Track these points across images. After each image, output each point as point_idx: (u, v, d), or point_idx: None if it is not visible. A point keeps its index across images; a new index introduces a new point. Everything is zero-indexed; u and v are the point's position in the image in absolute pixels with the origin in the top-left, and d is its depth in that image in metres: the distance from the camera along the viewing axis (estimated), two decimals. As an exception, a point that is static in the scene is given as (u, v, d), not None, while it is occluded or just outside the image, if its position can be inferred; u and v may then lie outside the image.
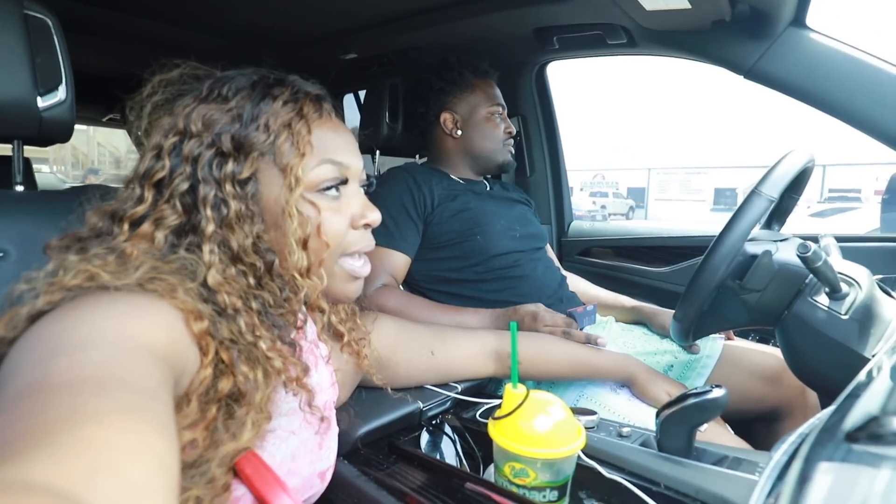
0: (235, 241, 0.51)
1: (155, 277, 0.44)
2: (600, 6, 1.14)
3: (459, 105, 1.32)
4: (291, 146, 0.54)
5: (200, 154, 0.52)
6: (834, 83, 1.06)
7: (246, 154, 0.53)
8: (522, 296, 1.18)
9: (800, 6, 1.04)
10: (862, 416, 0.35)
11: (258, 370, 0.47)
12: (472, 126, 1.31)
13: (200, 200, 0.51)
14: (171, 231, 0.50)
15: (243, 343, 0.48)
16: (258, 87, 0.56)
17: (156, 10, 1.41)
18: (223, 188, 0.52)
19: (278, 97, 0.55)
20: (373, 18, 1.43)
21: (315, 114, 0.57)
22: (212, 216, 0.51)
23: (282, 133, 0.54)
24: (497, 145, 1.32)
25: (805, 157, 0.84)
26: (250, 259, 0.52)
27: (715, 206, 17.33)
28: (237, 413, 0.45)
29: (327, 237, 0.57)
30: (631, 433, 0.70)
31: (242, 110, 0.54)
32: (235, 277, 0.51)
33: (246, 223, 0.52)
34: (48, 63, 0.80)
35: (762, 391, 1.03)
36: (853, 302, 0.74)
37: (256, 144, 0.53)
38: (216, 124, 0.53)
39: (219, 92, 0.55)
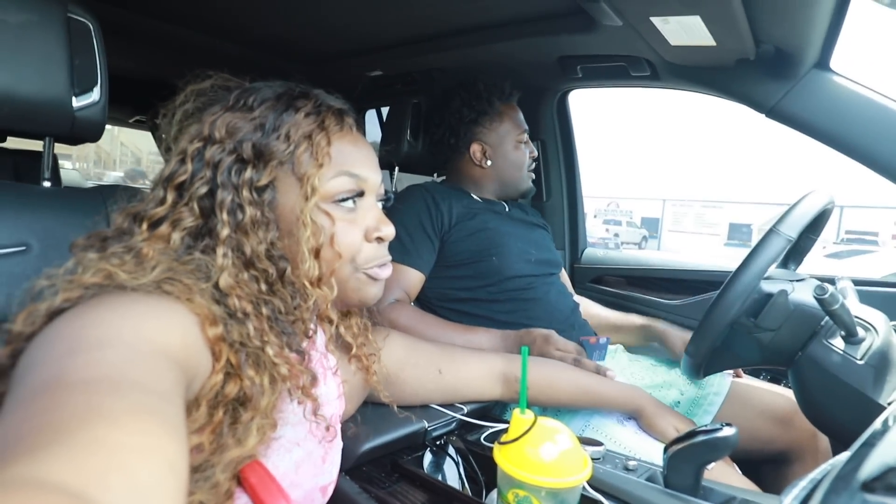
0: (249, 247, 0.52)
1: (171, 278, 0.45)
2: (626, 39, 1.16)
3: (489, 135, 1.31)
4: (310, 157, 0.55)
5: (221, 160, 0.53)
6: (855, 126, 1.06)
7: (265, 162, 0.54)
8: (534, 319, 1.17)
9: (824, 49, 1.05)
10: (879, 466, 0.35)
11: (264, 375, 0.48)
12: (502, 156, 1.31)
13: (217, 204, 0.52)
14: (187, 233, 0.51)
15: (251, 347, 0.48)
16: (282, 98, 0.57)
17: (190, 18, 1.46)
18: (240, 194, 0.53)
19: (301, 109, 0.56)
20: (399, 38, 1.46)
21: (336, 126, 0.58)
22: (227, 220, 0.51)
23: (302, 143, 0.55)
24: (522, 173, 1.33)
25: (825, 199, 0.83)
26: (263, 265, 0.52)
27: (729, 241, 17.19)
28: (243, 417, 0.45)
29: (340, 248, 0.57)
30: (637, 467, 0.69)
31: (265, 120, 0.55)
32: (247, 282, 0.51)
33: (260, 229, 0.53)
34: (86, 64, 0.83)
35: (772, 433, 1.01)
36: (869, 347, 0.73)
37: (276, 153, 0.54)
38: (239, 132, 0.54)
39: (244, 102, 0.56)
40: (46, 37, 0.77)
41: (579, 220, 1.82)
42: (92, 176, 18.60)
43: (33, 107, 0.77)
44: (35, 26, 0.76)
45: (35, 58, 0.76)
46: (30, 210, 0.79)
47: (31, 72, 0.75)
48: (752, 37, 1.02)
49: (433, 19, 1.31)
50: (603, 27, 1.11)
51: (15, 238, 0.76)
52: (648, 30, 1.04)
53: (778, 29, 1.00)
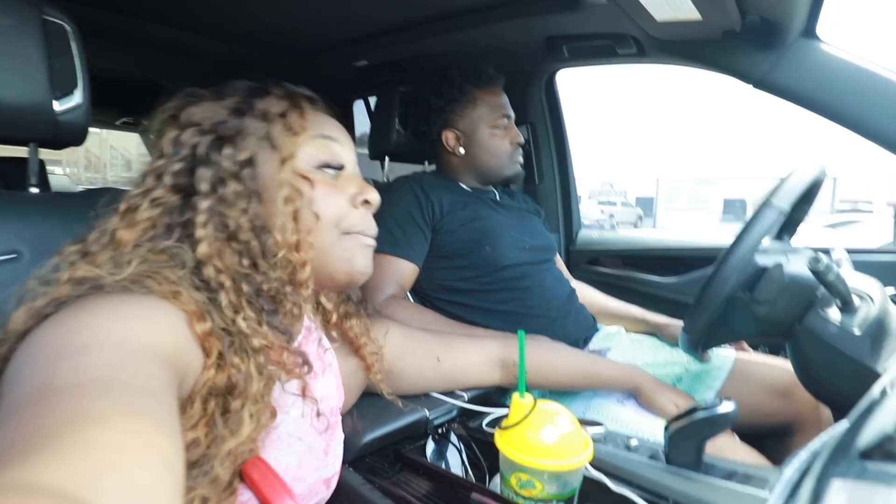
0: (232, 219, 0.52)
1: (150, 272, 0.44)
2: (611, 16, 1.15)
3: (461, 121, 1.27)
4: (285, 129, 0.57)
5: (198, 141, 0.55)
6: (844, 94, 1.06)
7: (243, 138, 0.56)
8: (530, 307, 1.17)
9: (810, 17, 1.04)
10: (876, 434, 0.35)
11: (250, 362, 0.47)
12: (476, 143, 1.27)
13: (197, 179, 0.53)
14: (163, 210, 0.52)
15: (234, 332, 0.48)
16: (255, 88, 0.60)
17: (171, 16, 1.44)
18: (221, 167, 0.54)
19: (273, 93, 0.59)
20: (384, 26, 1.44)
21: (309, 106, 0.61)
22: (208, 193, 0.52)
23: (276, 120, 0.57)
24: (502, 160, 1.28)
25: (816, 170, 0.83)
26: (245, 237, 0.53)
27: (724, 217, 17.23)
28: (233, 406, 0.45)
29: (320, 211, 0.57)
30: (639, 446, 0.69)
31: (241, 104, 0.57)
32: (228, 255, 0.52)
33: (242, 200, 0.53)
34: (65, 67, 0.81)
35: (774, 405, 1.02)
36: (865, 316, 0.73)
37: (254, 130, 0.56)
38: (215, 116, 0.56)
39: (218, 93, 0.59)
40: (22, 40, 0.75)
41: (573, 202, 1.81)
42: (83, 181, 18.47)
43: (13, 112, 0.76)
44: (10, 30, 0.74)
45: (12, 62, 0.74)
46: (18, 217, 0.78)
47: (8, 77, 0.74)
48: (738, 8, 1.01)
49: (417, 5, 1.30)
50: (588, 5, 1.10)
51: (5, 246, 0.76)
52: (633, 6, 1.03)
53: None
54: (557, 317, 1.19)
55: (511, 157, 1.29)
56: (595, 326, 1.27)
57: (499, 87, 1.30)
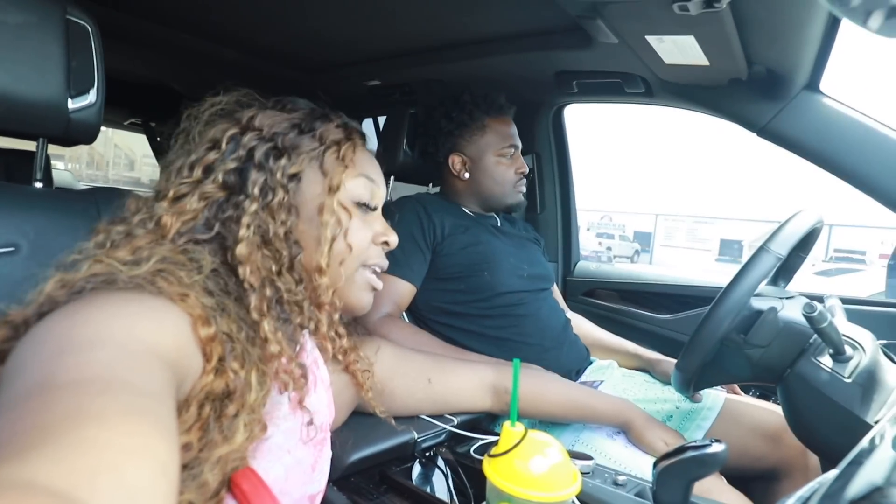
0: (272, 227, 0.55)
1: (164, 271, 0.45)
2: (621, 56, 1.17)
3: (468, 147, 1.29)
4: (337, 158, 0.61)
5: (257, 146, 0.57)
6: (844, 147, 1.08)
7: (297, 154, 0.59)
8: (525, 335, 1.17)
9: (815, 71, 1.07)
10: (865, 485, 0.35)
11: (251, 371, 0.47)
12: (481, 169, 1.29)
13: (250, 182, 0.55)
14: (209, 203, 0.54)
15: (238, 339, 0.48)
16: (316, 110, 0.64)
17: (190, 23, 1.46)
18: (273, 177, 0.56)
19: (333, 120, 0.63)
20: (397, 50, 1.47)
21: (360, 142, 0.65)
22: (257, 197, 0.55)
23: (331, 146, 0.61)
24: (505, 188, 1.29)
25: (814, 217, 0.85)
26: (278, 246, 0.56)
27: (720, 257, 17.31)
28: (228, 411, 0.45)
29: (352, 242, 0.61)
30: (626, 482, 0.69)
31: (301, 121, 0.61)
32: (261, 259, 0.54)
33: (283, 212, 0.56)
34: (83, 66, 0.82)
35: (762, 449, 1.01)
36: (857, 365, 0.74)
37: (307, 149, 0.59)
38: (275, 126, 0.59)
39: (282, 105, 0.62)
40: (44, 38, 0.77)
41: (573, 232, 1.82)
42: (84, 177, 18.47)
43: (28, 107, 0.77)
44: (33, 27, 0.76)
45: (32, 58, 0.76)
46: (20, 210, 0.78)
47: (27, 72, 0.75)
48: (745, 58, 1.03)
49: (432, 32, 1.33)
50: (599, 44, 1.13)
51: (4, 239, 0.75)
52: (643, 48, 1.06)
53: (770, 51, 1.02)
54: (551, 346, 1.19)
55: (514, 186, 1.30)
56: (588, 358, 1.27)
57: (508, 117, 1.33)
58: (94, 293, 0.42)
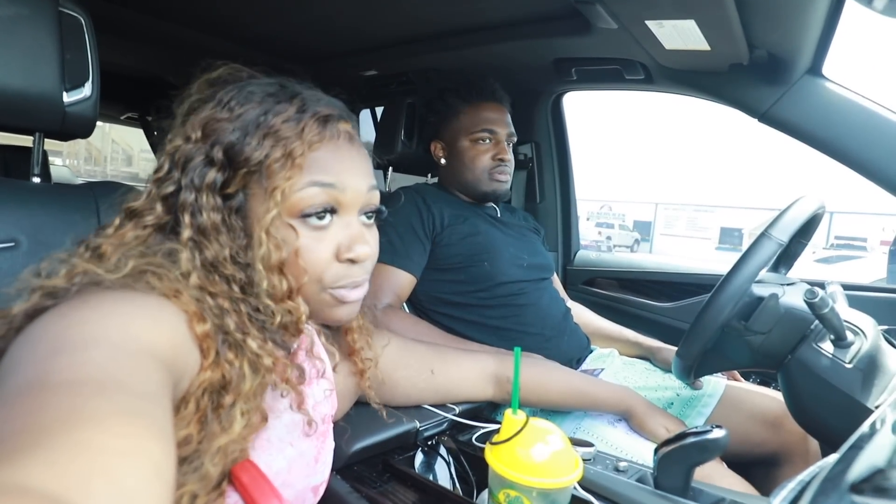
0: (210, 251, 0.49)
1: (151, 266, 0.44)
2: (621, 42, 1.16)
3: (445, 132, 1.30)
4: (281, 167, 0.51)
5: (191, 159, 0.51)
6: (847, 132, 1.08)
7: (236, 168, 0.51)
8: (525, 324, 1.17)
9: (817, 55, 1.06)
10: (867, 468, 0.35)
11: (244, 360, 0.47)
12: (455, 155, 1.29)
13: (180, 205, 0.50)
14: (152, 229, 0.50)
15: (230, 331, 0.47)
16: (267, 100, 0.54)
17: (184, 15, 1.45)
18: (201, 197, 0.50)
19: (281, 113, 0.53)
20: (394, 38, 1.46)
21: (316, 134, 0.53)
22: (189, 222, 0.50)
23: (275, 152, 0.51)
24: (477, 174, 1.26)
25: (816, 204, 0.84)
26: (228, 271, 0.50)
27: (720, 245, 17.29)
28: (225, 401, 0.44)
29: (305, 264, 0.53)
30: (628, 468, 0.69)
31: (244, 123, 0.52)
32: (218, 282, 0.49)
33: (222, 235, 0.50)
34: (77, 59, 0.82)
35: (762, 435, 1.02)
36: (858, 351, 0.74)
37: (248, 160, 0.51)
38: (215, 133, 0.52)
39: (229, 101, 0.53)
40: (37, 31, 0.76)
41: (572, 222, 1.82)
42: (83, 173, 18.43)
43: (23, 101, 0.76)
44: (26, 20, 0.75)
45: (26, 52, 0.75)
46: (19, 206, 0.78)
47: (21, 66, 0.75)
48: (746, 42, 1.02)
49: (429, 20, 1.31)
50: (598, 30, 1.11)
51: (3, 234, 0.75)
52: (643, 33, 1.05)
53: (771, 34, 1.01)
54: (552, 335, 1.19)
55: (490, 172, 1.26)
56: (589, 347, 1.28)
57: (490, 103, 1.29)
58: (85, 294, 0.41)
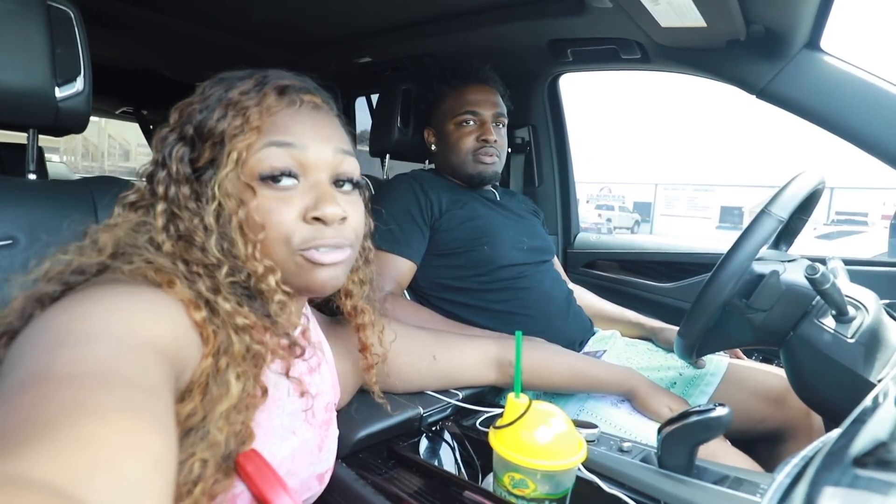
0: (183, 222, 0.51)
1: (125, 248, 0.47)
2: (616, 21, 1.15)
3: (433, 119, 1.32)
4: (240, 131, 0.52)
5: (166, 140, 0.54)
6: (846, 106, 1.07)
7: (203, 141, 0.53)
8: (528, 308, 1.17)
9: (815, 29, 1.05)
10: (870, 442, 0.35)
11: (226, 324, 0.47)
12: (442, 139, 1.29)
13: (156, 182, 0.52)
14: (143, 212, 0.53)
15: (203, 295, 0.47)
16: (233, 81, 0.55)
17: (175, 5, 1.43)
18: (172, 170, 0.52)
19: (238, 87, 0.54)
20: (388, 23, 1.44)
21: (274, 101, 0.55)
22: (162, 193, 0.52)
23: (235, 120, 0.52)
24: (462, 156, 1.25)
25: (816, 179, 0.84)
26: (199, 239, 0.50)
27: (721, 224, 17.28)
28: (220, 364, 0.45)
29: (266, 224, 0.52)
30: (632, 448, 0.69)
31: (210, 101, 0.54)
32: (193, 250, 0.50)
33: (190, 203, 0.52)
34: (68, 54, 0.81)
35: (765, 412, 1.02)
36: (860, 326, 0.74)
37: (213, 132, 0.52)
38: (186, 115, 0.54)
39: (204, 88, 0.56)
40: (26, 26, 0.75)
41: (572, 204, 1.82)
42: (80, 169, 18.37)
43: (15, 98, 0.75)
44: (14, 15, 0.74)
45: (15, 47, 0.74)
46: (16, 203, 0.78)
47: (11, 62, 0.74)
48: (743, 17, 1.01)
49: (422, 4, 1.30)
50: (593, 9, 1.10)
51: (2, 231, 0.75)
52: (638, 11, 1.04)
53: (768, 9, 0.99)
54: (554, 318, 1.19)
55: (474, 154, 1.25)
56: (591, 329, 1.28)
57: (472, 85, 1.28)
58: (88, 288, 0.42)
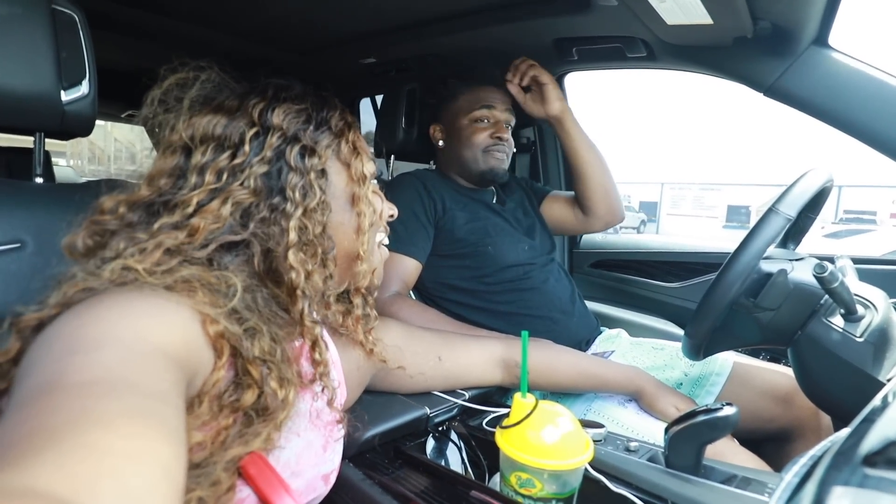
0: (311, 227, 0.56)
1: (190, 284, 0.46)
2: (621, 19, 1.14)
3: (444, 115, 1.31)
4: (349, 146, 0.62)
5: (286, 147, 0.56)
6: (855, 103, 1.05)
7: (321, 148, 0.59)
8: (533, 308, 1.17)
9: (823, 25, 1.04)
10: (880, 441, 0.35)
11: (290, 390, 0.49)
12: (453, 135, 1.29)
13: (289, 186, 0.55)
14: (239, 208, 0.53)
15: (274, 361, 0.49)
16: (313, 93, 0.63)
17: (178, 8, 1.43)
18: (309, 177, 0.57)
19: (334, 106, 0.63)
20: (393, 23, 1.44)
21: (353, 121, 0.65)
22: (299, 201, 0.55)
23: (342, 135, 0.62)
24: (475, 152, 1.26)
25: (824, 177, 0.83)
26: (315, 245, 0.57)
27: (728, 223, 17.17)
28: (255, 424, 0.45)
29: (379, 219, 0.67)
30: (639, 448, 0.69)
31: (311, 114, 0.60)
32: (301, 261, 0.55)
33: (321, 211, 0.57)
34: (73, 57, 0.81)
35: (773, 411, 1.01)
36: (869, 324, 0.73)
37: (327, 142, 0.60)
38: (296, 123, 0.58)
39: (286, 95, 0.60)
40: (31, 30, 0.75)
41: (577, 204, 1.80)
42: (87, 173, 18.50)
43: (21, 102, 0.76)
44: (19, 19, 0.75)
45: (21, 51, 0.75)
46: (23, 206, 0.78)
47: (17, 66, 0.74)
48: (750, 14, 1.00)
49: (427, 3, 1.29)
50: (598, 7, 1.09)
51: (9, 235, 0.76)
52: (644, 9, 1.03)
53: (776, 5, 0.98)
54: (560, 318, 1.19)
55: (487, 150, 1.26)
56: (597, 328, 1.27)
57: (488, 85, 1.30)
58: (101, 295, 0.42)
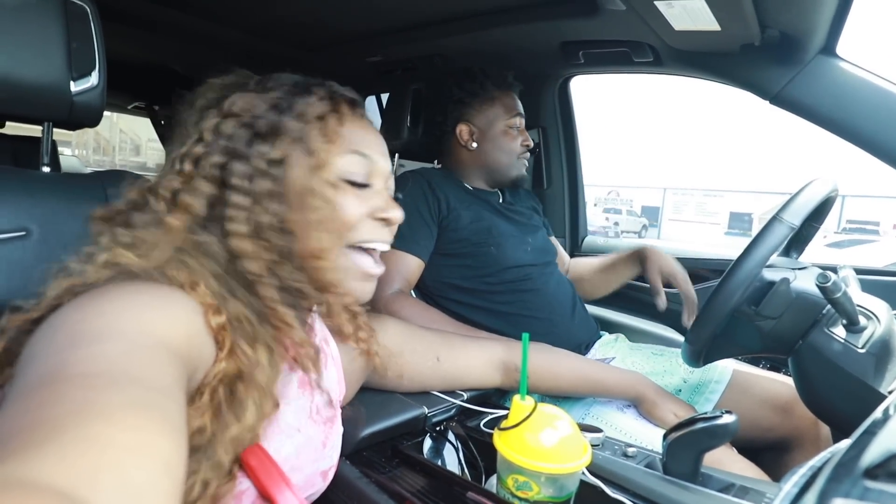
0: (263, 218, 0.53)
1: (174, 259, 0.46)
2: (629, 23, 1.14)
3: (477, 117, 1.29)
4: (321, 135, 0.56)
5: (235, 133, 0.54)
6: (861, 113, 1.05)
7: (278, 138, 0.55)
8: (534, 309, 1.17)
9: (831, 34, 1.03)
10: (881, 453, 0.34)
11: (261, 350, 0.48)
12: (489, 139, 1.29)
13: (232, 174, 0.53)
14: (206, 200, 0.52)
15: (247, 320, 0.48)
16: (299, 84, 0.59)
17: (190, 3, 1.44)
18: (252, 164, 0.53)
19: (315, 93, 0.58)
20: (400, 23, 1.44)
21: (349, 112, 0.60)
22: (240, 187, 0.53)
23: (314, 123, 0.56)
24: (510, 158, 1.29)
25: (829, 187, 0.83)
26: (271, 237, 0.53)
27: (729, 230, 17.15)
28: (239, 393, 0.45)
29: (344, 218, 0.57)
30: (636, 454, 0.69)
31: (281, 100, 0.56)
32: (259, 250, 0.52)
33: (272, 202, 0.53)
34: (83, 49, 0.82)
35: (772, 420, 1.01)
36: (871, 336, 0.73)
37: (289, 131, 0.55)
38: (255, 109, 0.55)
39: (263, 85, 0.58)
40: (44, 20, 0.76)
41: (580, 208, 1.81)
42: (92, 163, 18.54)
43: (31, 91, 0.76)
44: (32, 9, 0.75)
45: (32, 41, 0.75)
46: (29, 195, 0.79)
47: (28, 56, 0.75)
48: (758, 21, 1.00)
49: (433, 5, 1.30)
50: (606, 11, 1.09)
51: (15, 223, 0.76)
52: (652, 14, 1.03)
53: (784, 13, 0.98)
54: (560, 320, 1.19)
55: (519, 158, 1.30)
56: (597, 332, 1.27)
57: (515, 93, 1.33)
58: (107, 284, 0.42)
